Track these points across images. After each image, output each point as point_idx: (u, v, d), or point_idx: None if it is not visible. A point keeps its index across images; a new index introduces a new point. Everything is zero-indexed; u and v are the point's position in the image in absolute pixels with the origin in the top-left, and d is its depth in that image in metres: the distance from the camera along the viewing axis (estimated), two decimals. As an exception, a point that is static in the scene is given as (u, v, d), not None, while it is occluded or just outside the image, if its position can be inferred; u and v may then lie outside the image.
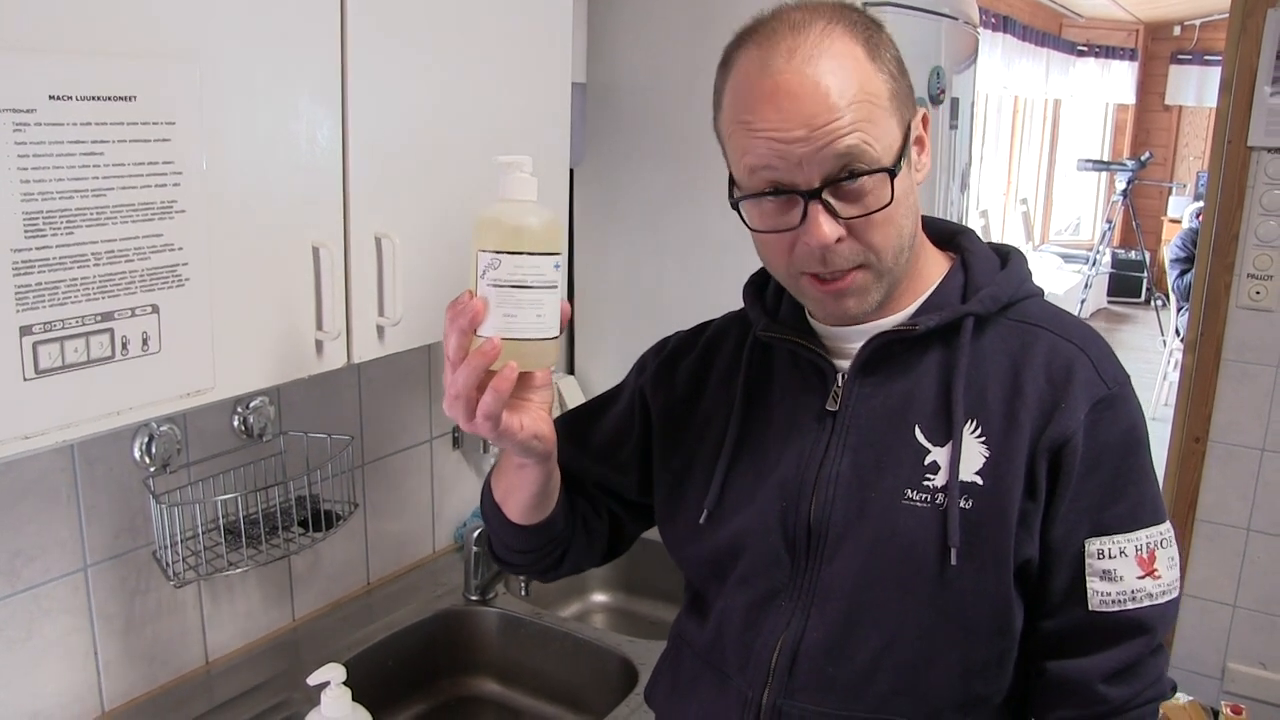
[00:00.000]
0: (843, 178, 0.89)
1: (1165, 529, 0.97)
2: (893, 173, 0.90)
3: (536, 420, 0.97)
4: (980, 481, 0.94)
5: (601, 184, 2.18)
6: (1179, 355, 2.66)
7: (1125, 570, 0.95)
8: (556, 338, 0.94)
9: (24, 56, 0.89)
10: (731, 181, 0.97)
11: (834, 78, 0.88)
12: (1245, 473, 2.52)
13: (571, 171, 2.11)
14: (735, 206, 0.96)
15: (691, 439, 1.11)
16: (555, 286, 0.93)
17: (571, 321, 2.31)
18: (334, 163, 1.20)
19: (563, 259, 0.94)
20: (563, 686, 1.78)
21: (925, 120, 0.99)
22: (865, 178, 0.89)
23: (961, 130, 2.30)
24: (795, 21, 0.91)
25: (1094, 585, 0.95)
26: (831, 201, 0.90)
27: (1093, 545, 0.95)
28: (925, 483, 0.95)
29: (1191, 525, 2.60)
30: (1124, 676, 0.96)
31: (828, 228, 0.89)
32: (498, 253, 0.90)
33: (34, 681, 1.37)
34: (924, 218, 1.03)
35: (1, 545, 1.32)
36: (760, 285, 1.12)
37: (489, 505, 1.11)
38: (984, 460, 0.94)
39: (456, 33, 1.34)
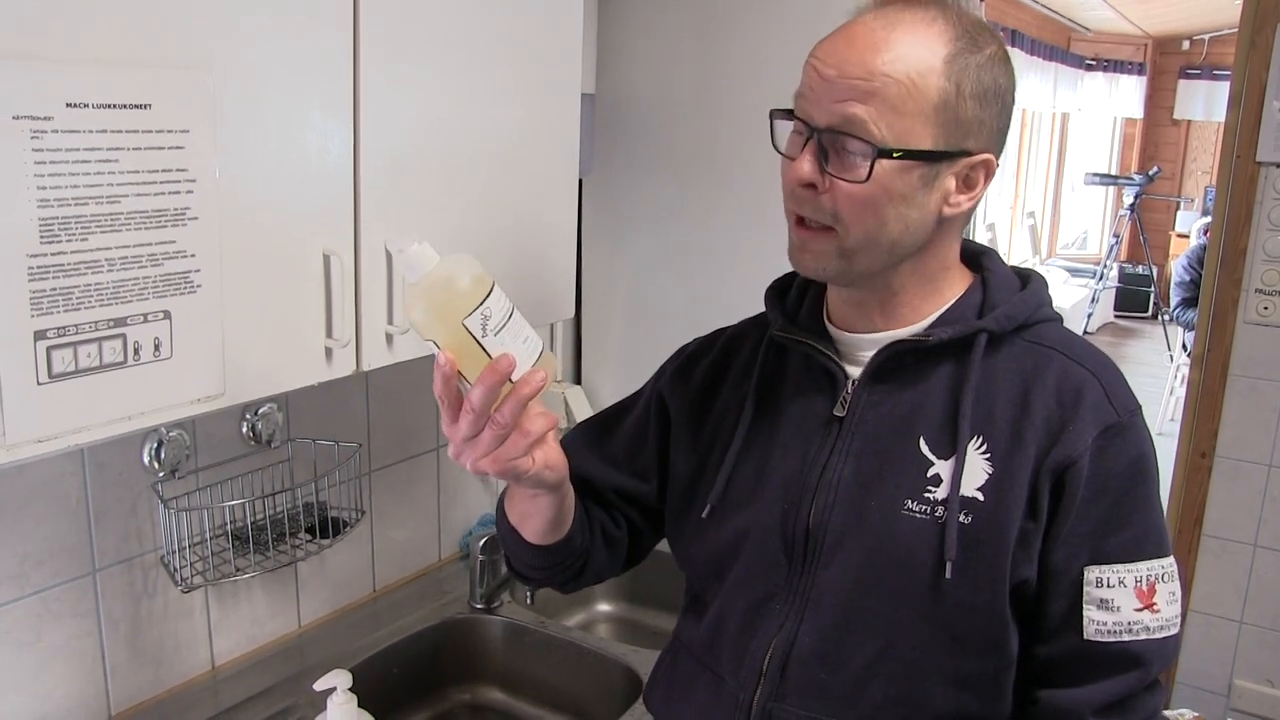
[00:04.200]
0: (840, 133, 0.91)
1: (1168, 564, 0.96)
2: (879, 153, 0.90)
3: (546, 451, 0.96)
4: (981, 498, 0.94)
5: (610, 194, 2.19)
6: (1186, 370, 2.65)
7: (1123, 601, 0.94)
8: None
9: (42, 65, 0.90)
10: None
11: (895, 49, 0.90)
12: (1252, 488, 2.51)
13: (580, 182, 2.12)
14: (771, 118, 0.99)
15: (705, 437, 1.11)
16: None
17: (578, 331, 2.32)
18: (345, 172, 1.21)
19: None
20: (567, 695, 1.78)
21: (989, 168, 0.99)
22: (855, 146, 0.91)
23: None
24: (919, 3, 0.94)
25: (1090, 614, 0.94)
26: (828, 149, 0.92)
27: (1091, 573, 0.94)
28: (926, 494, 0.95)
29: (1197, 541, 2.59)
30: (1116, 710, 0.95)
31: (806, 167, 0.92)
32: (479, 305, 0.88)
33: (42, 684, 1.38)
34: None
35: (11, 549, 1.33)
36: (782, 289, 1.13)
37: (505, 527, 1.11)
38: (986, 477, 0.94)
39: (467, 45, 1.35)
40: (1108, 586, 0.94)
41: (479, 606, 1.84)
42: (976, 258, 1.07)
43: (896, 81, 0.90)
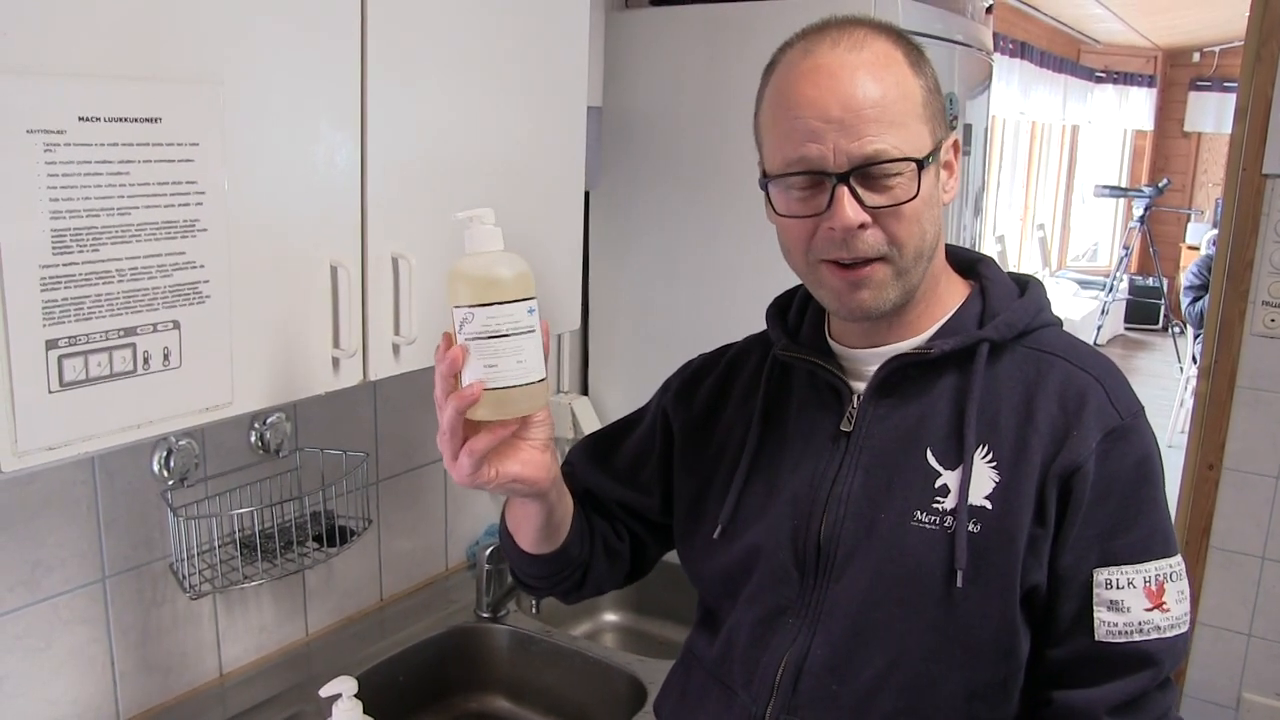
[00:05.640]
0: (871, 165, 0.92)
1: (1176, 562, 0.97)
2: (921, 164, 0.93)
3: (524, 464, 0.98)
4: (989, 506, 0.95)
5: (617, 207, 2.20)
6: (1196, 382, 2.65)
7: (1133, 601, 0.95)
8: (543, 380, 0.95)
9: (55, 80, 0.92)
10: (763, 173, 1.00)
11: (874, 69, 0.92)
12: (1259, 500, 2.51)
13: (587, 194, 2.14)
14: (764, 189, 0.99)
15: (710, 456, 1.12)
16: (533, 331, 0.94)
17: (585, 343, 2.33)
18: (352, 184, 1.23)
19: (537, 303, 0.95)
20: (572, 704, 1.78)
21: (956, 146, 1.02)
22: (893, 171, 0.92)
23: (974, 156, 2.31)
24: (842, 23, 0.96)
25: (1101, 615, 0.95)
26: (858, 189, 0.92)
27: (1101, 575, 0.95)
28: (935, 505, 0.96)
29: (1205, 553, 2.58)
30: (1129, 710, 0.96)
31: (852, 211, 0.92)
32: (471, 307, 0.92)
33: (52, 690, 1.39)
34: (946, 246, 1.05)
35: (22, 555, 1.34)
36: (783, 307, 1.14)
37: (504, 533, 1.14)
38: (994, 485, 0.95)
39: (474, 57, 1.37)
40: (1117, 588, 0.95)
41: (485, 615, 1.85)
42: (973, 266, 1.08)
43: (894, 99, 0.93)
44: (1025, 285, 1.06)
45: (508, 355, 0.92)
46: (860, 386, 1.03)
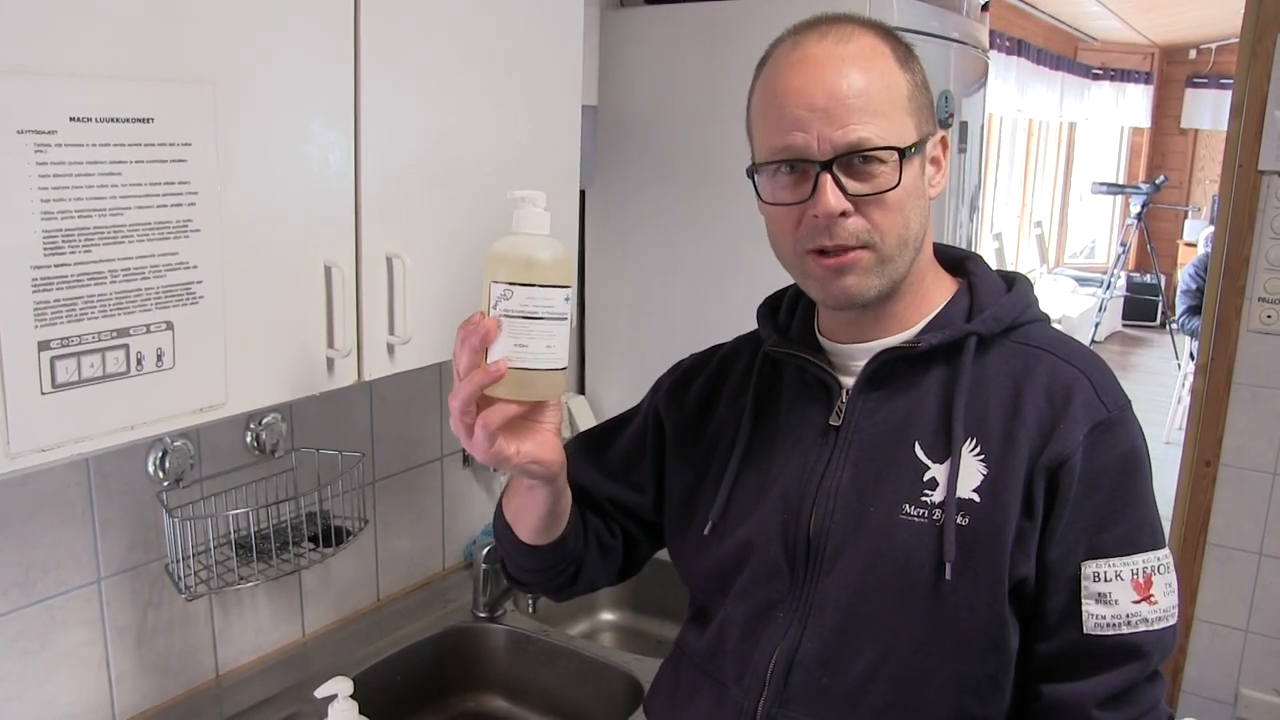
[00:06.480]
0: (854, 154, 0.93)
1: (1163, 555, 0.97)
2: (903, 154, 0.94)
3: (540, 445, 0.98)
4: (978, 499, 0.95)
5: (612, 205, 2.20)
6: (1193, 379, 2.65)
7: (1121, 594, 0.95)
8: (564, 369, 0.96)
9: (46, 80, 0.91)
10: (753, 163, 1.01)
11: (861, 61, 0.94)
12: (1257, 496, 2.51)
13: (583, 193, 2.14)
14: (751, 176, 1.01)
15: (702, 454, 1.13)
16: (565, 319, 0.95)
17: (582, 342, 2.33)
18: (346, 184, 1.22)
19: (573, 292, 0.95)
20: (569, 704, 1.78)
21: (944, 142, 1.03)
22: (876, 159, 0.93)
23: (970, 154, 2.31)
24: (832, 19, 0.98)
25: (1089, 608, 0.95)
26: (841, 177, 0.93)
27: (1089, 567, 0.95)
28: (923, 498, 0.97)
29: (1203, 549, 2.59)
30: (1119, 702, 0.96)
31: (834, 198, 0.93)
32: (510, 284, 0.92)
33: (48, 692, 1.39)
34: (934, 244, 1.06)
35: (17, 557, 1.34)
36: (773, 306, 1.15)
37: (500, 526, 1.13)
38: (982, 478, 0.96)
39: (469, 56, 1.36)
40: (1105, 580, 0.95)
41: (482, 615, 1.85)
42: (961, 263, 1.09)
43: (879, 89, 0.94)
44: (1012, 281, 1.07)
45: (539, 338, 0.93)
46: (849, 381, 1.04)
